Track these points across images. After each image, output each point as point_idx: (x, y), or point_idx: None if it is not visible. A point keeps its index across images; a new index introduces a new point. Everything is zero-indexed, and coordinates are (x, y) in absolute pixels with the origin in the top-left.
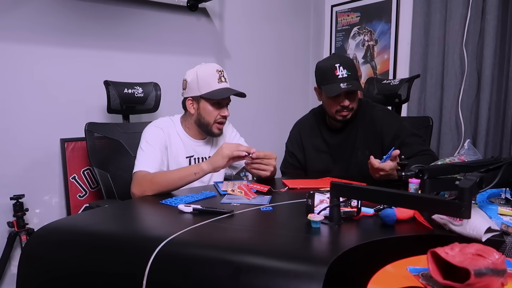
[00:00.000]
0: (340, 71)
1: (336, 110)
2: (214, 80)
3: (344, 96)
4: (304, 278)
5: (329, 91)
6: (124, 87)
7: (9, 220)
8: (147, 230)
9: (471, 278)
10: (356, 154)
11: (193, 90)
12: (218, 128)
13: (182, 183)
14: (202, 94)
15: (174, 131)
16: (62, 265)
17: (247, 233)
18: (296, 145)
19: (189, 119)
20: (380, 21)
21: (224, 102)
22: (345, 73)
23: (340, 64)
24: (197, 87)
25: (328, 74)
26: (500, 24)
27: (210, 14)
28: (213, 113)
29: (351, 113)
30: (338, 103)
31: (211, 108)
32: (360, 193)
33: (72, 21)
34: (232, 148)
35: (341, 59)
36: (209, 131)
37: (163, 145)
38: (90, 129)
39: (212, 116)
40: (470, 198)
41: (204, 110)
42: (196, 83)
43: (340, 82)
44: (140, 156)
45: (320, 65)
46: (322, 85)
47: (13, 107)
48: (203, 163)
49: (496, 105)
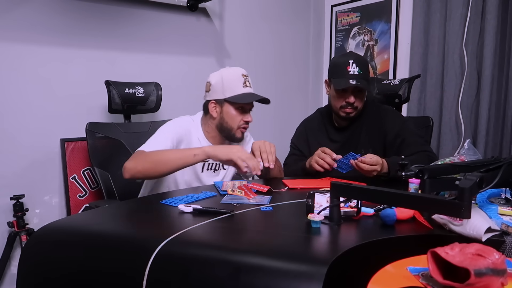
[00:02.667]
0: (352, 68)
1: (341, 105)
2: (239, 84)
3: (350, 93)
4: (304, 278)
5: (337, 84)
6: (125, 87)
7: (9, 220)
8: (147, 230)
9: (471, 278)
10: (359, 151)
11: (217, 93)
12: (241, 133)
13: (178, 164)
14: (226, 97)
15: (194, 132)
16: (62, 265)
17: (247, 233)
18: (302, 141)
19: (210, 123)
20: (380, 21)
21: (248, 107)
22: (357, 71)
23: (354, 61)
24: (221, 90)
25: (340, 68)
26: (500, 24)
27: (210, 14)
28: (236, 118)
29: (355, 112)
30: (344, 99)
31: (235, 112)
32: (360, 193)
33: (73, 22)
34: (242, 156)
35: (356, 57)
36: (232, 136)
37: (176, 139)
38: (91, 128)
39: (235, 121)
40: (470, 198)
41: (228, 114)
42: (221, 86)
43: (350, 78)
44: (149, 140)
45: (335, 59)
46: (332, 77)
47: (13, 107)
48: (206, 146)
49: (496, 105)
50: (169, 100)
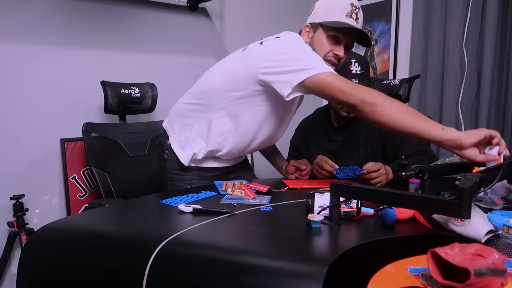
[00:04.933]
0: (354, 67)
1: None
2: (343, 12)
3: None
4: (304, 278)
5: None
6: (121, 88)
7: (9, 220)
8: (147, 230)
9: (471, 278)
10: (358, 151)
11: (316, 16)
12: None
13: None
14: (322, 21)
15: None
16: (62, 265)
17: (247, 233)
18: (301, 142)
19: None
20: (380, 21)
21: (343, 38)
22: (359, 70)
23: (356, 60)
24: (321, 13)
25: (342, 68)
26: (500, 24)
27: (210, 14)
28: (325, 47)
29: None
30: None
31: (326, 40)
32: (360, 193)
33: (71, 21)
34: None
35: (358, 56)
36: None
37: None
38: (87, 129)
39: (323, 49)
40: (470, 198)
41: (318, 40)
42: (323, 10)
43: (352, 77)
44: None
45: None
46: None
47: (13, 107)
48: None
49: (496, 105)
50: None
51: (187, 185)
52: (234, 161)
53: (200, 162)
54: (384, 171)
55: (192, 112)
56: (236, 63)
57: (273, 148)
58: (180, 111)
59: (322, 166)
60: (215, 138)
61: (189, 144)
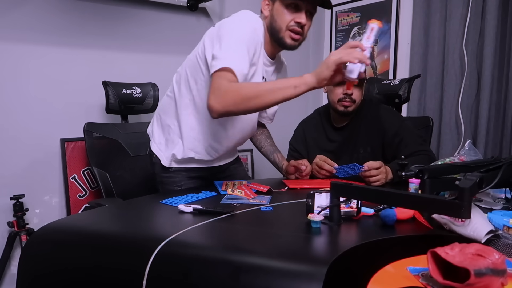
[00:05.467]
0: None
1: (339, 98)
2: None
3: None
4: (304, 278)
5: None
6: (123, 88)
7: (9, 220)
8: (147, 230)
9: (471, 278)
10: (358, 150)
11: None
12: (291, 38)
13: (276, 98)
14: None
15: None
16: (62, 265)
17: (247, 233)
18: (300, 142)
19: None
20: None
21: (303, 5)
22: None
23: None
24: None
25: None
26: (500, 24)
27: (210, 14)
28: (285, 17)
29: (353, 106)
30: (342, 90)
31: (285, 10)
32: (360, 193)
33: (72, 21)
34: (341, 53)
35: None
36: (280, 41)
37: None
38: (89, 129)
39: (284, 20)
40: (470, 198)
41: (277, 11)
42: None
43: None
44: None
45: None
46: None
47: (13, 107)
48: (307, 75)
49: (496, 105)
50: None
51: (176, 188)
52: (224, 159)
53: (187, 162)
54: (384, 169)
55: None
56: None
57: (273, 147)
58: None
59: (321, 166)
60: (188, 132)
61: (169, 145)
